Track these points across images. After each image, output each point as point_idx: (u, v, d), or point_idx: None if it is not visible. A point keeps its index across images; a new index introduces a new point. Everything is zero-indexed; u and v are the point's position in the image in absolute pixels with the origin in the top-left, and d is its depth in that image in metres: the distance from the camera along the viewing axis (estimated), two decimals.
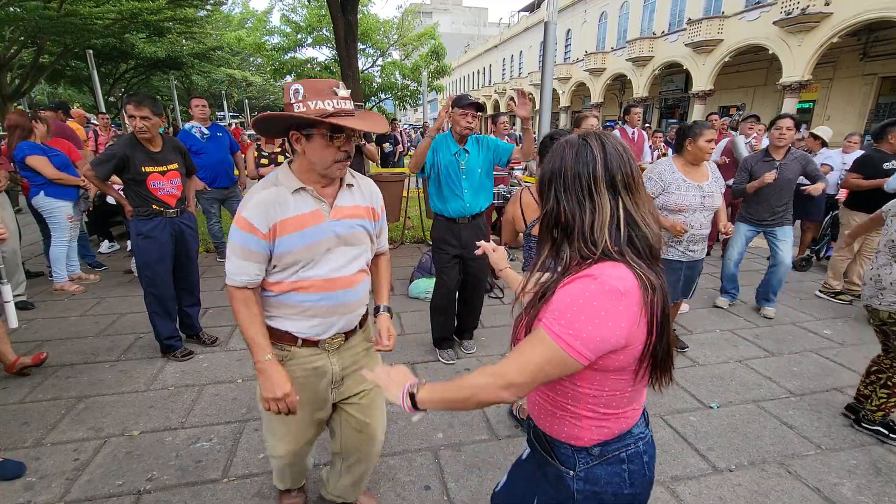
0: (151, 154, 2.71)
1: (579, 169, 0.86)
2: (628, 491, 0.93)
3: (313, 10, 19.28)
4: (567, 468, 0.95)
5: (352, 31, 7.59)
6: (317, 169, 1.27)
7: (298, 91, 1.18)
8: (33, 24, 11.26)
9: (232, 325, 3.48)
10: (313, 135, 1.22)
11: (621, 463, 0.93)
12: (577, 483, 0.94)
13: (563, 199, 0.88)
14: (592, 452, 0.93)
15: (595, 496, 0.93)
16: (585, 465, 0.93)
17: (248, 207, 1.25)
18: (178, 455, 2.10)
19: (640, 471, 0.95)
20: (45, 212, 3.93)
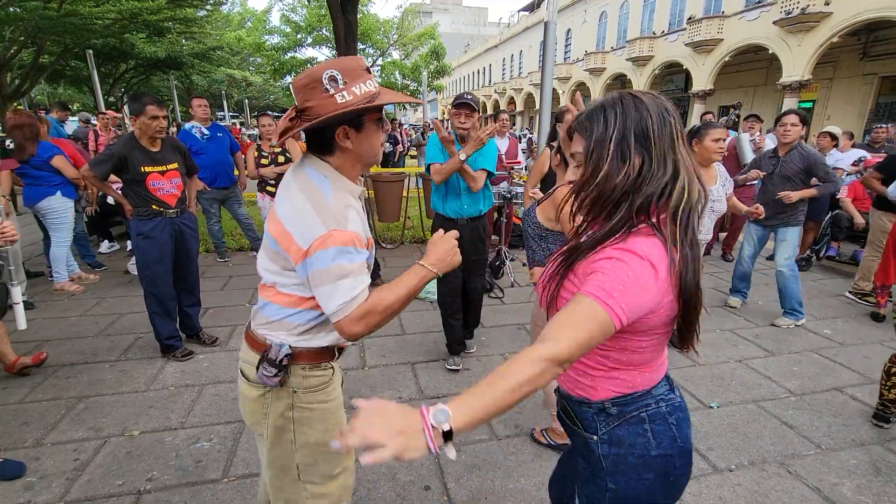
0: (151, 154, 2.72)
1: (638, 124, 0.83)
2: (656, 452, 0.90)
3: (313, 9, 19.30)
4: (590, 434, 0.94)
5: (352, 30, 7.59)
6: (366, 160, 1.14)
7: (336, 78, 1.01)
8: (33, 24, 11.26)
9: (232, 324, 3.49)
10: (365, 123, 1.08)
11: (642, 423, 0.90)
12: (601, 447, 0.92)
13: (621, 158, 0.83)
14: (611, 412, 0.91)
15: (622, 458, 0.91)
16: (606, 426, 0.92)
17: (350, 220, 1.05)
18: (178, 455, 2.10)
19: (667, 431, 0.91)
20: (58, 212, 3.94)
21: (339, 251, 1.01)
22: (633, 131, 0.83)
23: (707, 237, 2.71)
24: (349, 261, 1.02)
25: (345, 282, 1.01)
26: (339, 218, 1.03)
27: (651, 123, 0.83)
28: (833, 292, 4.34)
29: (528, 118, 36.54)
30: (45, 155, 3.72)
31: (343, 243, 1.01)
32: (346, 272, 1.01)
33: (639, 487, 0.91)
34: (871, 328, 3.56)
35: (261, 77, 28.44)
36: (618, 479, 0.91)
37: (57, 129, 5.67)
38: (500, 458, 2.13)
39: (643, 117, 0.83)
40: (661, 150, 0.83)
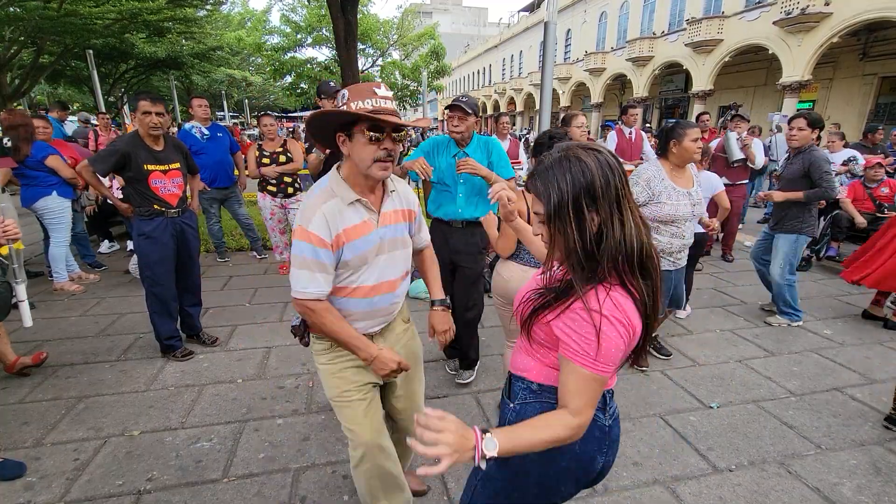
0: (154, 152, 2.72)
1: (586, 185, 0.88)
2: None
3: (313, 9, 19.30)
4: (510, 400, 1.09)
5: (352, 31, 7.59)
6: (360, 170, 1.29)
7: (344, 95, 1.24)
8: (33, 24, 11.26)
9: (232, 324, 3.48)
10: (355, 134, 1.26)
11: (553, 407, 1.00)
12: (510, 413, 1.07)
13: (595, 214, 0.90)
14: (532, 388, 1.05)
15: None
16: (523, 399, 1.06)
17: (313, 222, 1.26)
18: (178, 455, 2.10)
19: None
20: (55, 212, 3.94)
21: (297, 244, 1.28)
22: (583, 193, 0.89)
23: (689, 241, 2.70)
24: (303, 254, 1.27)
25: (301, 273, 1.29)
26: (307, 216, 1.27)
27: (598, 183, 0.89)
28: (833, 292, 4.34)
29: (528, 118, 36.54)
30: (39, 155, 3.72)
31: (301, 238, 1.27)
32: (302, 265, 1.28)
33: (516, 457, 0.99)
34: (871, 328, 3.56)
35: (261, 77, 28.45)
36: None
37: (59, 129, 5.66)
38: None
39: (590, 178, 0.89)
40: (610, 208, 0.90)
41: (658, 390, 2.69)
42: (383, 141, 1.25)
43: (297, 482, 1.95)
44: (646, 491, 1.93)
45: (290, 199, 4.42)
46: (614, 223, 0.89)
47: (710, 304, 4.03)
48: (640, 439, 2.25)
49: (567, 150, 0.92)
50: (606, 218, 0.89)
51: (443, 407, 2.50)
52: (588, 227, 0.89)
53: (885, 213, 4.70)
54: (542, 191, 0.93)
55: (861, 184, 4.96)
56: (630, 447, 2.20)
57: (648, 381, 2.79)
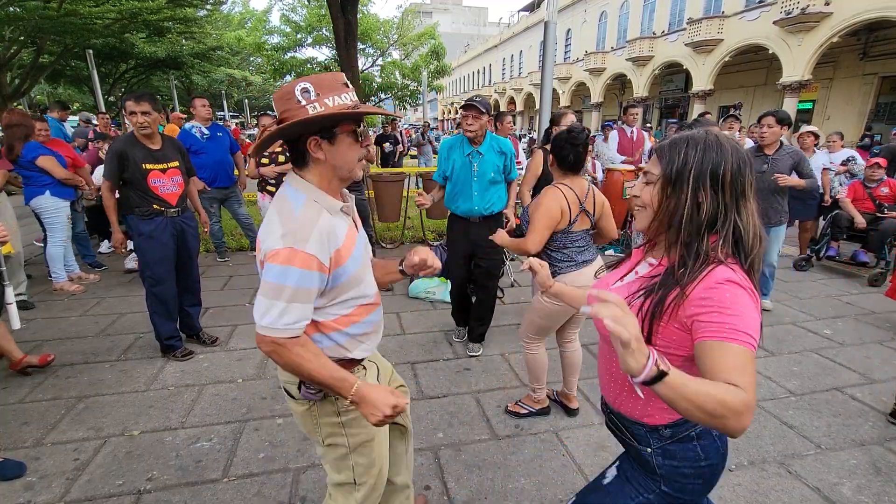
0: (152, 151, 2.72)
1: (715, 166, 0.88)
2: (705, 463, 0.99)
3: (313, 9, 19.30)
4: (643, 446, 1.02)
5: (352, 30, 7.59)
6: (340, 174, 1.14)
7: (308, 90, 1.04)
8: (33, 24, 11.27)
9: (232, 324, 3.48)
10: (337, 135, 1.09)
11: (691, 441, 0.99)
12: (655, 458, 1.01)
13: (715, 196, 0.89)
14: (663, 434, 0.99)
15: (675, 469, 0.99)
16: (659, 442, 1.00)
17: (311, 242, 1.03)
18: (178, 455, 2.10)
19: (713, 444, 1.00)
20: (49, 212, 3.93)
21: (284, 270, 1.01)
22: (709, 173, 0.88)
23: None
24: (293, 282, 1.02)
25: (273, 305, 1.03)
26: (301, 236, 1.03)
27: (728, 168, 0.88)
28: (833, 292, 4.34)
29: (528, 118, 36.54)
30: (30, 155, 3.70)
31: (291, 263, 1.01)
32: (278, 294, 1.02)
33: (688, 490, 1.00)
34: (871, 328, 3.57)
35: (261, 77, 28.44)
36: (671, 485, 1.00)
37: (60, 129, 5.66)
38: (500, 458, 2.13)
39: (719, 160, 0.88)
40: (734, 198, 0.89)
41: None
42: (364, 137, 1.16)
43: (297, 482, 1.95)
44: None
45: None
46: (735, 212, 0.89)
47: None
48: None
49: (709, 131, 0.92)
50: (729, 204, 0.89)
51: (443, 407, 2.51)
52: (703, 205, 0.88)
53: (885, 213, 4.70)
54: (667, 153, 0.92)
55: (861, 183, 4.95)
56: None
57: None
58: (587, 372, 2.88)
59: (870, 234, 4.65)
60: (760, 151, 3.61)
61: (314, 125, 1.06)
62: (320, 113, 1.04)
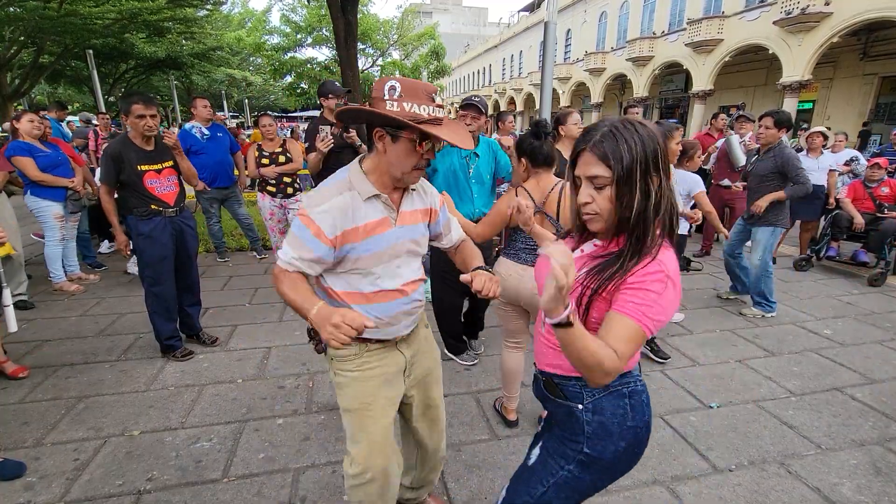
0: (146, 152, 2.72)
1: (653, 151, 0.93)
2: (631, 423, 1.03)
3: (313, 9, 19.30)
4: (575, 402, 1.06)
5: (352, 30, 7.59)
6: (393, 172, 1.22)
7: (395, 89, 1.13)
8: (33, 24, 11.27)
9: (232, 324, 3.49)
10: (401, 138, 1.17)
11: (623, 397, 1.04)
12: (585, 414, 1.04)
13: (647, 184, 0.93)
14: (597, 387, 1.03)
15: (602, 426, 1.03)
16: (591, 397, 1.04)
17: (319, 210, 1.17)
18: (178, 455, 2.10)
19: (640, 406, 1.05)
20: (34, 211, 3.92)
21: (298, 225, 1.20)
22: (650, 158, 0.93)
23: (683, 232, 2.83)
24: (296, 233, 1.20)
25: (287, 244, 1.22)
26: (314, 202, 1.19)
27: (659, 149, 0.94)
28: (833, 292, 4.34)
29: (528, 118, 36.54)
30: (7, 155, 3.66)
31: (301, 221, 1.19)
32: (291, 239, 1.21)
33: (609, 454, 1.03)
34: (871, 328, 3.57)
35: (261, 77, 28.44)
36: (594, 445, 1.03)
37: (59, 128, 5.66)
38: (500, 458, 2.13)
39: (653, 144, 0.93)
40: (665, 174, 0.96)
41: (658, 390, 2.69)
42: (428, 151, 1.20)
43: (297, 482, 1.95)
44: (646, 491, 1.93)
45: (289, 199, 4.43)
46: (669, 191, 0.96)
47: (710, 305, 4.03)
48: None
49: (625, 119, 0.95)
50: (663, 182, 0.94)
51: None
52: (653, 191, 0.93)
53: (885, 213, 4.70)
54: (610, 153, 0.92)
55: (861, 183, 4.95)
56: None
57: (648, 381, 2.79)
58: None
59: (870, 234, 4.66)
60: (757, 151, 3.65)
61: (379, 119, 1.15)
62: (383, 112, 1.13)
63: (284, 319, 3.59)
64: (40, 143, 3.87)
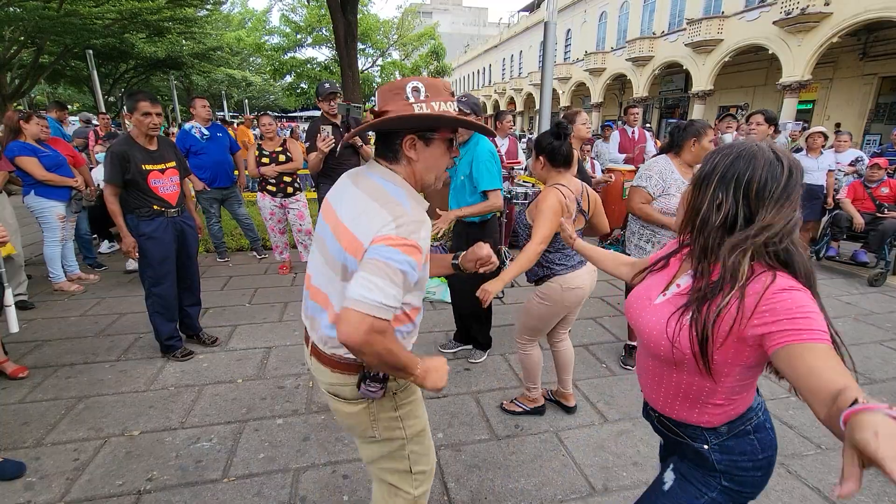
0: (149, 152, 2.72)
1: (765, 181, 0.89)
2: (762, 456, 1.01)
3: (313, 9, 19.31)
4: (699, 444, 1.03)
5: (352, 31, 7.59)
6: (427, 178, 1.15)
7: (419, 90, 1.06)
8: (33, 24, 11.27)
9: (232, 324, 3.48)
10: (434, 140, 1.11)
11: (748, 434, 1.01)
12: (713, 454, 1.02)
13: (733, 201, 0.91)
14: (720, 431, 1.01)
15: (734, 464, 1.00)
16: (716, 439, 1.01)
17: (423, 235, 1.03)
18: (178, 455, 2.10)
19: (767, 436, 1.02)
20: (36, 212, 3.92)
21: (397, 255, 0.96)
22: (733, 179, 0.90)
23: None
24: (402, 267, 0.97)
25: (385, 283, 0.94)
26: (412, 228, 1.00)
27: (756, 177, 0.89)
28: (833, 292, 4.34)
29: (528, 118, 36.55)
30: (9, 155, 3.66)
31: (407, 252, 0.98)
32: (393, 276, 0.95)
33: (748, 482, 1.02)
34: (871, 328, 3.57)
35: (260, 77, 28.45)
36: (732, 479, 1.01)
37: (58, 128, 5.66)
38: (500, 458, 2.13)
39: (750, 170, 0.89)
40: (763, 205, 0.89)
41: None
42: (456, 148, 1.16)
43: (297, 482, 1.95)
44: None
45: (289, 199, 4.43)
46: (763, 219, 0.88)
47: None
48: (640, 439, 2.25)
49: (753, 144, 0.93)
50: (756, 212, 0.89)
51: (443, 407, 2.50)
52: (724, 209, 0.90)
53: (885, 213, 4.70)
54: (706, 160, 0.97)
55: (861, 184, 4.95)
56: (630, 447, 2.20)
57: None
58: (587, 373, 2.88)
59: (870, 234, 4.66)
60: None
61: (416, 123, 1.08)
62: (426, 113, 1.05)
63: (284, 319, 3.59)
64: (39, 143, 3.87)
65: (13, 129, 3.75)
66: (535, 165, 2.11)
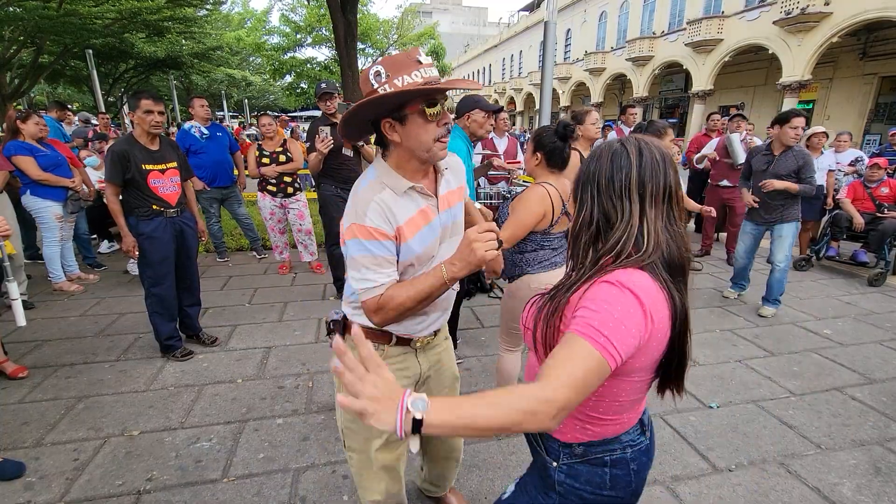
0: (150, 152, 2.72)
1: (613, 174, 0.87)
2: (608, 493, 0.94)
3: (313, 9, 19.30)
4: (551, 459, 0.97)
5: (351, 30, 7.59)
6: (418, 155, 1.12)
7: (380, 74, 1.04)
8: (33, 24, 11.26)
9: (232, 324, 3.48)
10: (407, 115, 1.08)
11: (604, 465, 0.93)
12: (558, 474, 0.96)
13: (596, 203, 0.89)
14: (576, 451, 0.94)
15: (574, 491, 0.94)
16: (568, 459, 0.95)
17: (369, 215, 1.09)
18: (178, 455, 2.10)
19: (625, 477, 0.94)
20: (33, 212, 3.92)
21: (355, 243, 1.10)
22: (593, 177, 0.89)
23: None
24: (361, 252, 1.10)
25: (358, 273, 1.12)
26: (360, 211, 1.10)
27: (601, 172, 0.88)
28: (833, 292, 4.34)
29: (528, 118, 36.54)
30: (7, 155, 3.64)
31: (356, 236, 1.10)
32: (359, 264, 1.11)
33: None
34: (871, 328, 3.57)
35: (260, 77, 28.43)
36: None
37: (58, 129, 5.65)
38: (500, 458, 2.13)
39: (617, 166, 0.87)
40: (610, 199, 0.87)
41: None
42: (441, 115, 1.09)
43: (296, 482, 1.95)
44: (645, 490, 1.92)
45: (289, 199, 4.42)
46: (622, 216, 0.86)
47: (710, 304, 4.03)
48: None
49: (626, 140, 0.90)
50: (620, 209, 0.86)
51: None
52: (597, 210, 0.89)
53: (885, 213, 4.70)
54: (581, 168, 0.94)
55: (861, 184, 4.95)
56: None
57: None
58: None
59: (870, 233, 4.66)
60: (768, 150, 3.61)
61: (382, 107, 1.07)
62: (380, 94, 1.03)
63: (284, 319, 3.59)
64: (38, 143, 3.87)
65: (11, 128, 3.75)
66: (530, 160, 2.02)
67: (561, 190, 1.99)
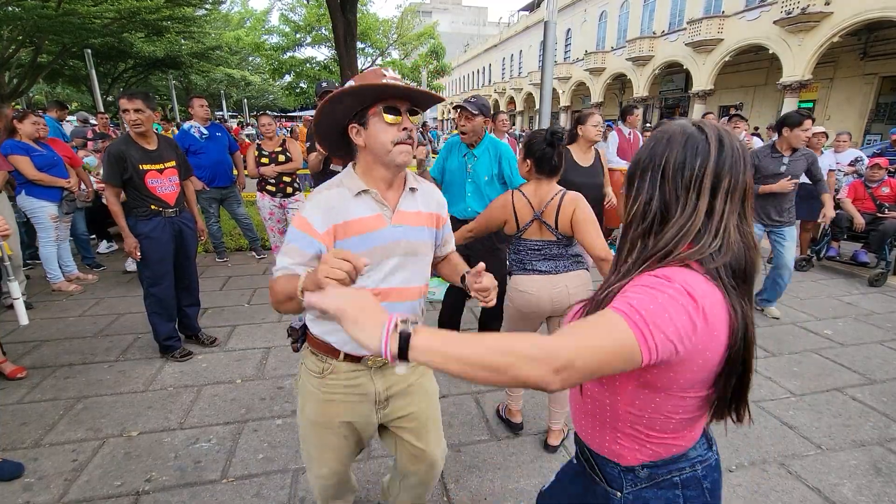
0: (148, 152, 2.70)
1: (686, 160, 0.76)
2: None
3: (312, 9, 19.28)
4: (614, 489, 0.86)
5: (351, 30, 7.58)
6: (380, 158, 1.16)
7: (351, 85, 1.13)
8: (31, 24, 11.25)
9: (231, 324, 3.48)
10: (369, 118, 1.14)
11: (674, 487, 0.83)
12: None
13: (658, 191, 0.78)
14: (640, 475, 0.84)
15: None
16: (632, 486, 0.85)
17: (308, 207, 1.16)
18: (177, 456, 2.09)
19: (699, 498, 0.84)
20: (28, 212, 3.91)
21: (291, 230, 1.18)
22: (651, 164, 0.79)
23: None
24: (289, 238, 1.17)
25: (281, 255, 1.16)
26: (307, 204, 1.18)
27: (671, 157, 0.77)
28: (833, 293, 4.34)
29: (527, 118, 36.53)
30: (3, 153, 3.61)
31: (293, 223, 1.18)
32: (285, 249, 1.16)
33: None
34: (871, 328, 3.56)
35: (260, 77, 28.42)
36: None
37: (58, 128, 5.64)
38: (500, 458, 2.12)
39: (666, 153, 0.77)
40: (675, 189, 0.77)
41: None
42: (402, 121, 1.14)
43: (296, 483, 1.94)
44: None
45: (289, 199, 4.42)
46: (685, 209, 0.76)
47: None
48: None
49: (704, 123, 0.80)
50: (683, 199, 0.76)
51: (443, 408, 2.49)
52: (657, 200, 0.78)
53: (886, 213, 4.69)
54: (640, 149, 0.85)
55: (862, 183, 4.95)
56: None
57: None
58: None
59: (870, 234, 4.65)
60: (777, 151, 3.58)
61: (348, 109, 1.14)
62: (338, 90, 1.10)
63: (283, 320, 3.58)
64: (35, 143, 3.86)
65: (8, 128, 3.74)
66: (521, 165, 2.04)
67: (536, 198, 1.96)
